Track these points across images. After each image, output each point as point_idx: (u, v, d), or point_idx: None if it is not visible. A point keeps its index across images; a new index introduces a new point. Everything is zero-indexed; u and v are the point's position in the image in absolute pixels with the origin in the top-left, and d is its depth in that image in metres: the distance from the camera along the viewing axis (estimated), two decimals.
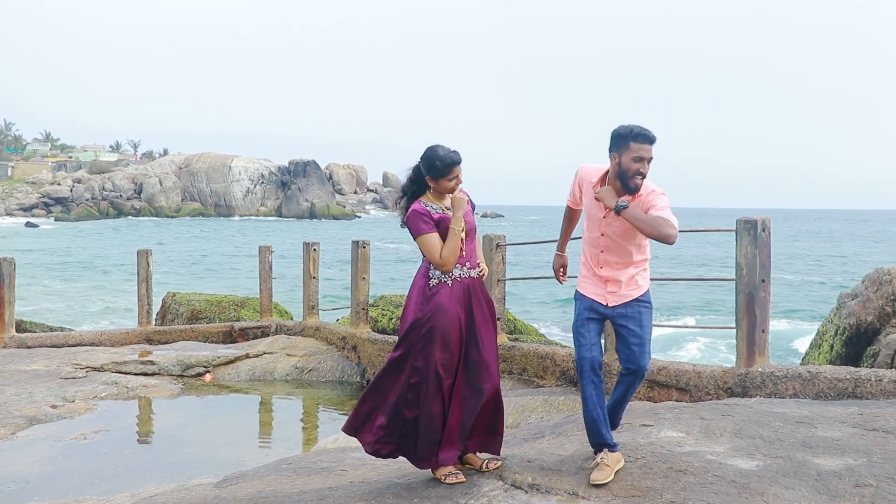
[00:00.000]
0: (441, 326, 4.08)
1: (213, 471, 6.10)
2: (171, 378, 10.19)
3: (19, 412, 8.02)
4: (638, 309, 4.20)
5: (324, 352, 10.97)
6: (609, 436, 4.10)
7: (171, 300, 14.86)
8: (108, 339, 12.46)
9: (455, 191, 4.24)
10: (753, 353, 6.08)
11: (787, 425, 4.71)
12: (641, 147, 3.96)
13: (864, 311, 7.84)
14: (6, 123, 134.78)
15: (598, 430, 4.08)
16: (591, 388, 4.10)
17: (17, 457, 6.76)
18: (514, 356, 8.06)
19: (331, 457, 5.27)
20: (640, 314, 4.20)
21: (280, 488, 4.47)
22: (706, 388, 6.20)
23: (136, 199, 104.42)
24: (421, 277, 4.23)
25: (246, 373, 10.53)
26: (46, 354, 10.92)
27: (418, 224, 4.17)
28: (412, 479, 4.23)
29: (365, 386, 10.08)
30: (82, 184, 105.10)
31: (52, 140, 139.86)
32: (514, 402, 6.81)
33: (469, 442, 4.20)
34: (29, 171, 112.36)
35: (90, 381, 9.51)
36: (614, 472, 3.95)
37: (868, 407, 5.15)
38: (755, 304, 6.07)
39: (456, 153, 4.20)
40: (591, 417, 4.09)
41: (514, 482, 3.98)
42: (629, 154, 3.97)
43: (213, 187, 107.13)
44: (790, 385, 5.81)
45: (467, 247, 4.25)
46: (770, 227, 6.14)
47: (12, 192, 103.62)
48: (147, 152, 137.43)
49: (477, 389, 4.13)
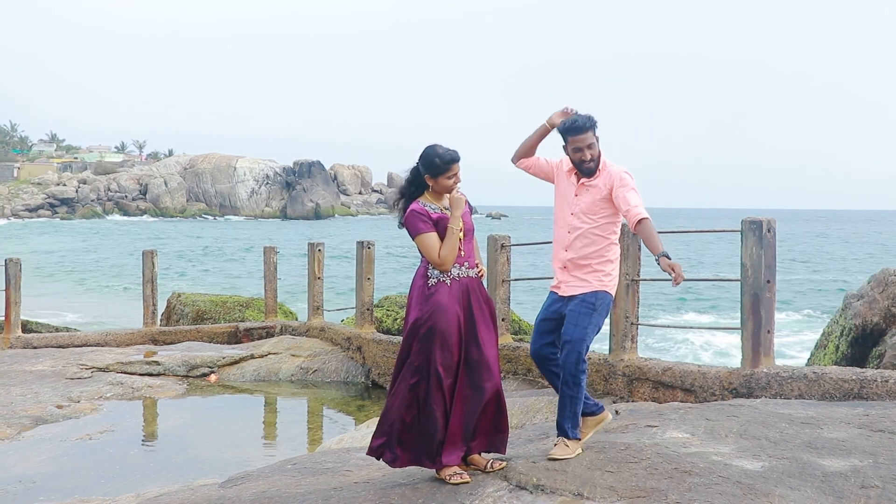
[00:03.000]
0: (440, 326, 4.09)
1: (218, 471, 6.11)
2: (176, 378, 10.21)
3: (25, 412, 8.04)
4: (579, 308, 4.31)
5: (328, 352, 10.98)
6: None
7: (176, 301, 14.89)
8: (114, 340, 12.49)
9: (454, 189, 4.26)
10: (759, 353, 6.07)
11: (792, 426, 4.70)
12: (575, 139, 4.31)
13: (870, 311, 7.81)
14: (12, 125, 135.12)
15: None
16: (548, 374, 4.50)
17: (22, 457, 6.78)
18: (519, 357, 8.05)
19: (335, 457, 5.27)
20: (580, 313, 4.29)
21: (285, 489, 4.47)
22: (711, 388, 6.19)
23: (142, 200, 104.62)
24: (420, 277, 4.25)
25: (251, 373, 10.54)
26: (52, 355, 10.95)
27: (416, 224, 4.18)
28: (417, 480, 4.23)
29: (370, 387, 10.11)
30: (87, 185, 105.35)
31: (57, 141, 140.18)
32: (519, 403, 6.81)
33: (473, 443, 4.20)
34: (34, 172, 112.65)
35: (95, 382, 9.53)
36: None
37: (874, 408, 5.13)
38: (760, 305, 6.06)
39: (455, 151, 4.24)
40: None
41: (518, 482, 3.97)
42: (569, 147, 4.36)
43: (217, 188, 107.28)
44: (795, 386, 5.80)
45: (466, 247, 4.26)
46: (775, 227, 6.14)
47: (18, 193, 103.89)
48: (152, 153, 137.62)
49: (478, 389, 4.13)
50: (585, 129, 4.29)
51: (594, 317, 4.31)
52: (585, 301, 4.32)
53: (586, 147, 4.29)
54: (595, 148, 4.31)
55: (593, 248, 4.36)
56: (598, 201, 4.34)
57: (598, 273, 4.36)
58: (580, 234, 4.37)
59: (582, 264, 4.37)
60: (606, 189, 4.32)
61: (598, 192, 4.35)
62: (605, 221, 4.37)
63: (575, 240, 4.38)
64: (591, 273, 4.36)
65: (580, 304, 4.32)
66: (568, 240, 4.41)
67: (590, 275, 4.36)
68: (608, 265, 4.39)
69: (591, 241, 4.36)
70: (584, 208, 4.37)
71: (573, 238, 4.39)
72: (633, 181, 4.32)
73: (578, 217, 4.38)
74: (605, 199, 4.34)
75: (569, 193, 4.44)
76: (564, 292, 4.42)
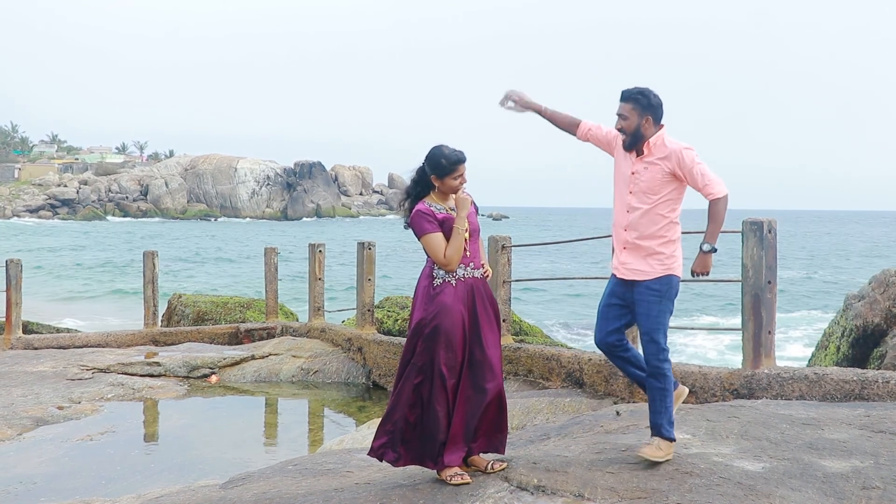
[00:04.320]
0: (444, 326, 4.09)
1: (219, 472, 6.11)
2: (177, 379, 10.21)
3: (26, 413, 8.05)
4: (646, 296, 4.19)
5: (329, 353, 10.98)
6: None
7: (177, 301, 14.89)
8: (115, 341, 12.49)
9: (459, 190, 4.26)
10: (759, 354, 6.07)
11: (793, 427, 4.69)
12: (621, 106, 4.26)
13: (871, 312, 7.81)
14: (13, 126, 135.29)
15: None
16: (618, 362, 4.43)
17: (23, 458, 6.78)
18: (520, 358, 8.05)
19: (336, 458, 5.27)
20: (648, 302, 4.18)
21: (286, 489, 4.47)
22: (712, 389, 6.19)
23: (142, 201, 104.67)
24: (425, 278, 4.25)
25: (252, 374, 10.54)
26: (53, 356, 10.96)
27: (422, 224, 4.19)
28: (418, 481, 4.23)
29: (370, 388, 10.11)
30: (88, 185, 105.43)
31: (58, 142, 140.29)
32: (520, 404, 6.80)
33: (474, 444, 4.20)
34: (35, 172, 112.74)
35: (96, 383, 9.54)
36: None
37: (875, 409, 5.13)
38: (761, 306, 6.06)
39: (461, 152, 4.23)
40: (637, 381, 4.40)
41: (519, 483, 3.97)
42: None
43: (218, 189, 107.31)
44: (796, 387, 5.79)
45: (471, 247, 4.26)
46: (776, 228, 6.13)
47: (19, 194, 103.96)
48: (153, 154, 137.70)
49: (480, 389, 4.13)
50: (623, 99, 4.23)
51: (663, 303, 4.18)
52: (650, 288, 4.19)
53: (620, 117, 4.23)
54: (632, 121, 4.19)
55: (654, 228, 4.21)
56: (658, 179, 4.20)
57: (660, 255, 4.21)
58: (640, 214, 4.22)
59: (643, 245, 4.22)
60: (667, 167, 4.18)
61: (658, 171, 4.20)
62: (664, 200, 4.22)
63: (634, 219, 4.23)
64: (653, 256, 4.21)
65: (646, 293, 4.19)
66: (627, 220, 4.26)
67: (651, 258, 4.21)
68: (670, 246, 4.24)
69: (651, 221, 4.21)
70: (643, 187, 4.22)
71: (633, 218, 4.24)
72: (697, 154, 4.19)
73: (637, 196, 4.23)
74: (665, 178, 4.20)
75: (626, 171, 4.30)
76: (625, 275, 4.26)
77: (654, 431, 4.19)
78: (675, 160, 4.17)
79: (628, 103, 4.22)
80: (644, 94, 4.22)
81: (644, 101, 4.20)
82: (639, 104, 4.20)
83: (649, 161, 4.23)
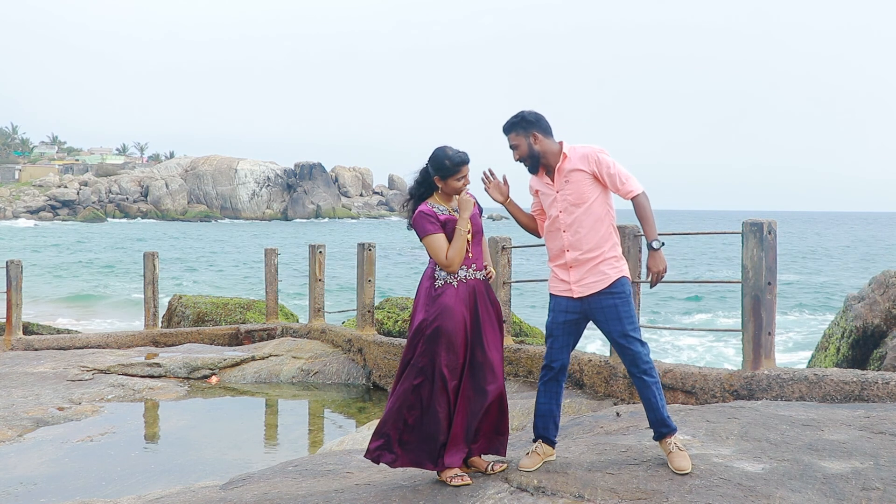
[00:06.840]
0: (446, 327, 4.09)
1: (220, 473, 6.12)
2: (177, 380, 10.22)
3: (26, 414, 8.05)
4: (611, 301, 4.18)
5: (329, 354, 10.98)
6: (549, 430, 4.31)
7: (177, 302, 14.90)
8: (115, 342, 12.50)
9: (463, 191, 4.26)
10: (760, 355, 6.07)
11: (793, 428, 4.70)
12: (508, 139, 4.32)
13: (871, 313, 7.81)
14: (13, 127, 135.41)
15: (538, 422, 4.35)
16: (540, 384, 4.38)
17: (24, 458, 6.79)
18: (520, 359, 8.06)
19: (336, 459, 5.27)
20: (616, 306, 4.17)
21: (286, 490, 4.48)
22: (712, 390, 6.19)
23: (143, 202, 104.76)
24: (427, 279, 4.25)
25: (252, 375, 10.55)
26: (53, 357, 10.96)
27: (424, 225, 4.19)
28: (418, 482, 4.23)
29: (371, 389, 10.11)
30: (89, 186, 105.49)
31: (59, 143, 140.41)
32: (520, 405, 6.81)
33: (474, 445, 4.20)
34: (36, 173, 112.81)
35: (97, 384, 9.54)
36: (542, 462, 4.22)
37: (875, 410, 5.13)
38: (761, 307, 6.07)
39: (465, 153, 4.24)
40: (538, 410, 4.36)
41: (519, 484, 3.98)
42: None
43: (219, 190, 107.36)
44: (796, 388, 5.80)
45: (474, 248, 4.25)
46: (776, 229, 6.14)
47: (19, 195, 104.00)
48: (153, 155, 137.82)
49: (481, 391, 4.13)
50: (506, 132, 4.31)
51: (629, 302, 4.18)
52: (613, 293, 4.16)
53: (513, 148, 4.29)
54: (522, 145, 4.25)
55: (597, 237, 4.18)
56: (585, 184, 4.19)
57: (611, 260, 4.19)
58: (577, 226, 4.20)
59: (591, 257, 4.19)
60: (588, 169, 4.18)
61: (581, 176, 4.20)
62: (595, 201, 4.21)
63: (574, 237, 4.22)
64: (604, 262, 4.18)
65: (610, 298, 4.16)
66: (566, 241, 4.25)
67: (602, 264, 4.18)
68: (616, 249, 4.23)
69: (591, 229, 4.19)
70: (571, 200, 4.21)
71: (571, 236, 4.22)
72: (609, 154, 4.22)
73: (568, 211, 4.22)
74: (588, 181, 4.19)
75: (551, 196, 4.29)
76: (582, 293, 4.21)
77: (661, 427, 4.14)
78: (593, 161, 4.20)
79: (512, 132, 4.30)
80: (518, 117, 4.29)
81: (522, 123, 4.27)
82: (520, 127, 4.27)
83: (567, 171, 4.22)
